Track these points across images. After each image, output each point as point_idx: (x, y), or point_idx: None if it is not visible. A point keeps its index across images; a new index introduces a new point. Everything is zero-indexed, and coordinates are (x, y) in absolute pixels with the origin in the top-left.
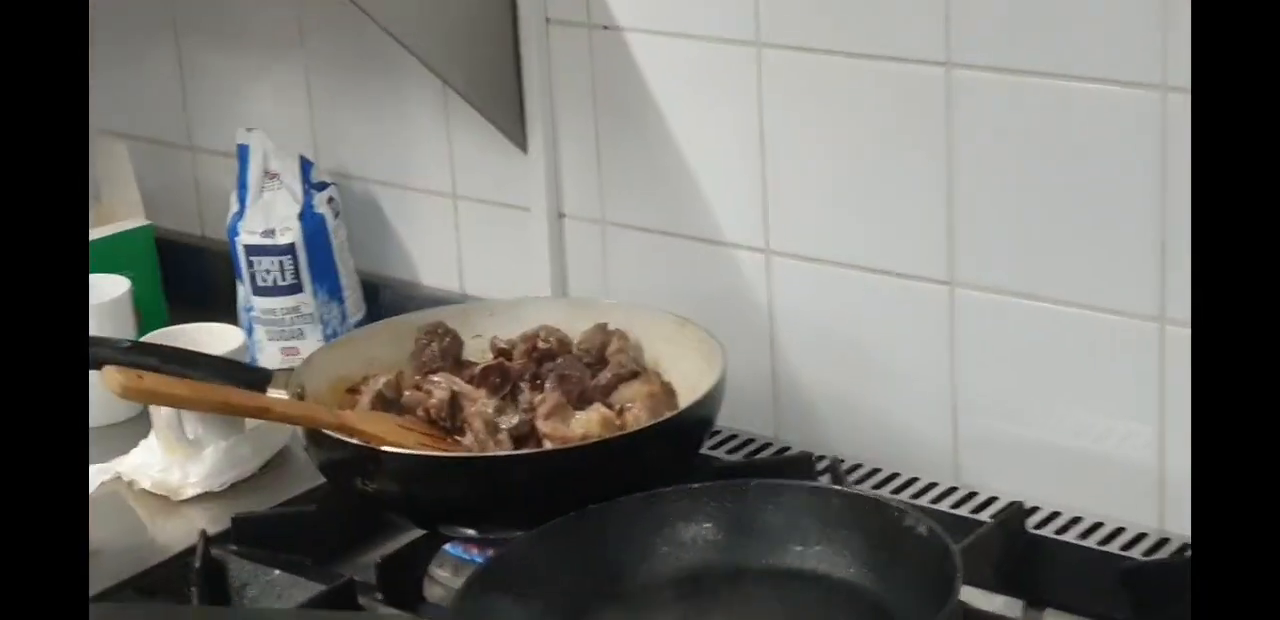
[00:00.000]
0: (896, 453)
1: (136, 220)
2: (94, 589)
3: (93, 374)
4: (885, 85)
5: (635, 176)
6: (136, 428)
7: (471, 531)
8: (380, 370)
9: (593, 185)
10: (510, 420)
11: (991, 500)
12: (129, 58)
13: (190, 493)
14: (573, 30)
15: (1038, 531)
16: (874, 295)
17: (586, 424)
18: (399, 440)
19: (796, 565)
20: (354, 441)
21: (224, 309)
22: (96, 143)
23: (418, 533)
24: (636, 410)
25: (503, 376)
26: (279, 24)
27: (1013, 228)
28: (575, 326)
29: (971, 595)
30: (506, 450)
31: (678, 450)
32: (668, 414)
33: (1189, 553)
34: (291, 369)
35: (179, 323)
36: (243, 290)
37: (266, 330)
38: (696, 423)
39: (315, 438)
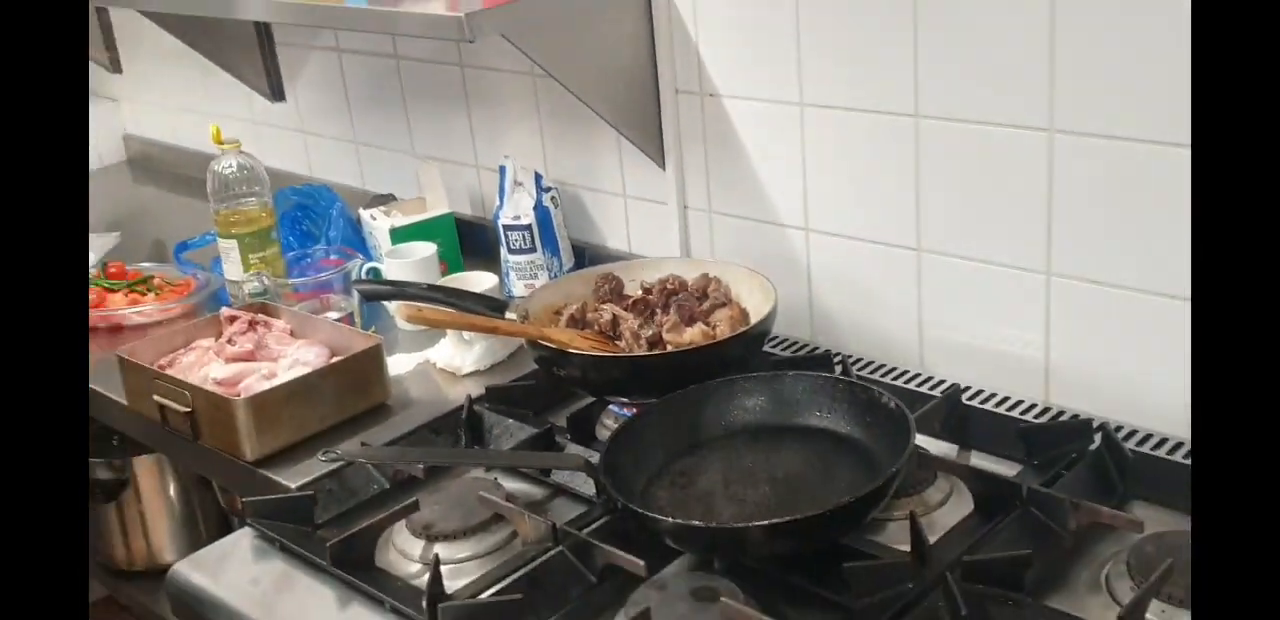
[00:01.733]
0: (883, 351)
1: (443, 210)
2: (403, 429)
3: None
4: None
5: (729, 184)
6: (438, 333)
7: (624, 399)
8: (574, 301)
9: (703, 189)
10: (647, 332)
11: (941, 382)
12: (439, 120)
13: (466, 370)
14: (691, 96)
15: (969, 402)
16: (867, 257)
17: (693, 335)
18: (579, 345)
19: (815, 424)
20: (551, 345)
21: (494, 261)
22: (421, 165)
23: (593, 398)
24: (723, 327)
25: (645, 305)
26: (525, 97)
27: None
28: (690, 274)
29: (925, 442)
30: (643, 351)
31: (748, 351)
32: (741, 329)
33: (1063, 417)
34: (524, 298)
35: (469, 270)
36: (503, 250)
37: (516, 273)
38: (759, 335)
39: (531, 343)
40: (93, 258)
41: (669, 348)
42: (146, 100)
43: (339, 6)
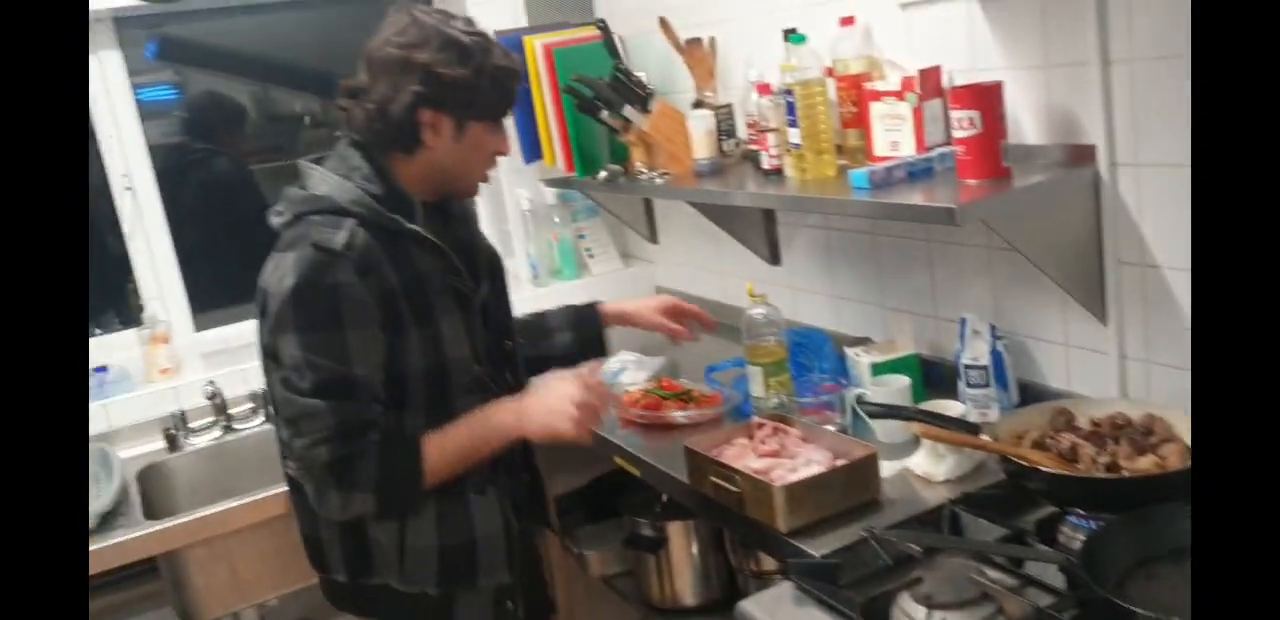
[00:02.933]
0: None
1: (910, 350)
2: (893, 519)
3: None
4: None
5: (1165, 338)
6: (912, 445)
7: (1081, 511)
8: (1033, 429)
9: (1141, 342)
10: (1103, 459)
11: None
12: (905, 280)
13: (939, 478)
14: (1132, 267)
15: None
16: None
17: (1145, 464)
18: (1048, 464)
19: None
20: (1024, 463)
21: (945, 391)
22: (891, 315)
23: (1053, 508)
24: (1173, 459)
25: (1098, 436)
26: (981, 262)
27: None
28: (1134, 413)
29: None
30: (1102, 474)
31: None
32: (1188, 463)
33: None
34: (988, 424)
35: (934, 399)
36: (961, 384)
37: (973, 403)
38: None
39: (1004, 460)
40: (648, 375)
41: (1125, 473)
42: (674, 261)
43: (849, 199)
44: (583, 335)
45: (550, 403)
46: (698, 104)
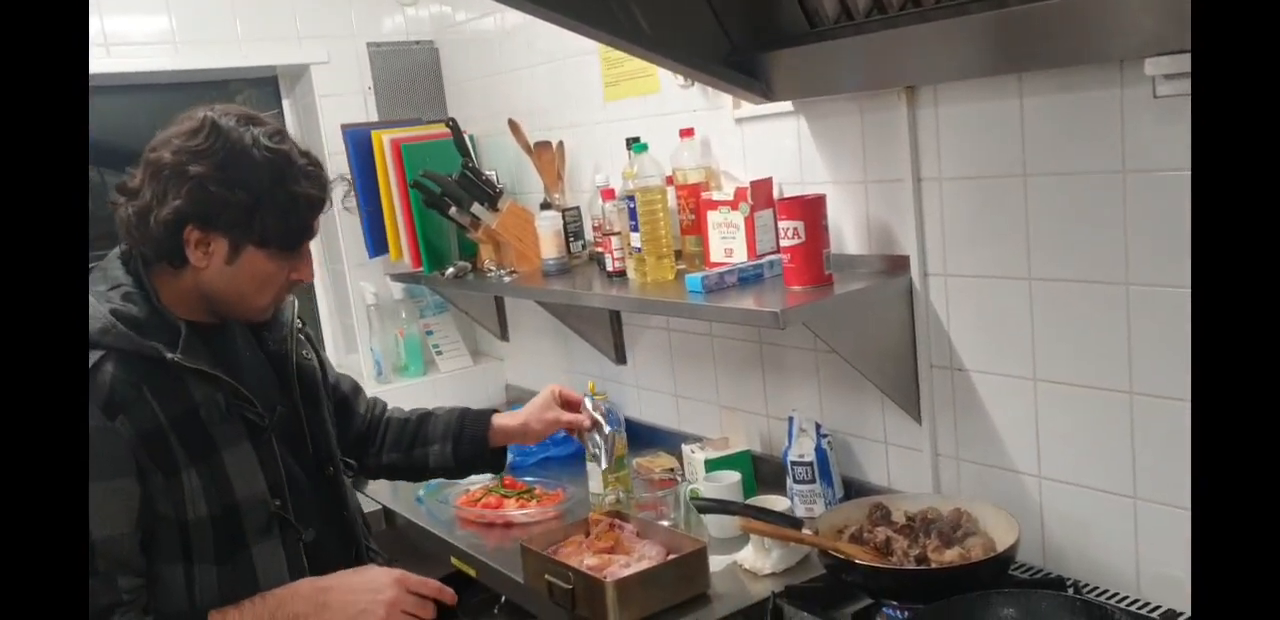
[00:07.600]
0: (1104, 579)
1: (741, 447)
2: (721, 614)
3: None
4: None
5: (973, 437)
6: (741, 540)
7: (894, 602)
8: (852, 523)
9: (952, 440)
10: (914, 551)
11: (1156, 607)
12: (738, 380)
13: (765, 572)
14: (943, 370)
15: None
16: (1090, 501)
17: (951, 556)
18: (863, 557)
19: None
20: (840, 556)
21: (777, 487)
22: (725, 413)
23: (870, 600)
24: (976, 551)
25: (910, 530)
26: (808, 365)
27: None
28: (944, 507)
29: None
30: (913, 566)
31: (996, 572)
32: (991, 554)
33: None
34: (811, 518)
35: (764, 494)
36: (789, 480)
37: (799, 499)
38: (1005, 560)
39: (823, 553)
40: (491, 473)
41: (933, 565)
42: (523, 360)
43: (684, 302)
44: (463, 452)
45: (360, 600)
46: (546, 205)
